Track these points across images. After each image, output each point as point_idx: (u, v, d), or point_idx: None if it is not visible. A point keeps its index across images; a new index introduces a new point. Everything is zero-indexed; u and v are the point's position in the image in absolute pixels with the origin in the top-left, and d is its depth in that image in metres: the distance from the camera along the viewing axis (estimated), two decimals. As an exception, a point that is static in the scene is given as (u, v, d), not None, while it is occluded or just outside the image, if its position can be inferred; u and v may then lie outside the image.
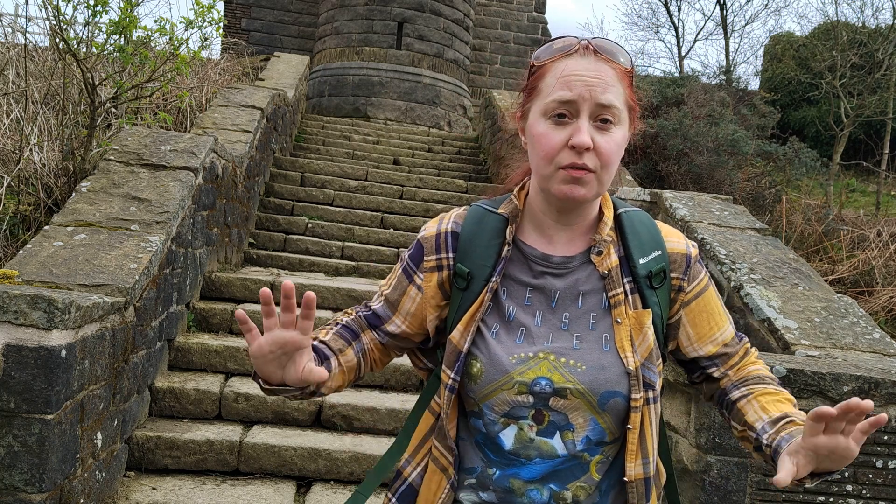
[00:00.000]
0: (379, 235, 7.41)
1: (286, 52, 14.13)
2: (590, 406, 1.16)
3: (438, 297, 1.27)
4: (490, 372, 1.17)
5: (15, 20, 8.93)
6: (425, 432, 1.29)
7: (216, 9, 5.52)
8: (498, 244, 1.24)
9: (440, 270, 1.27)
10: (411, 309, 1.29)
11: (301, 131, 10.52)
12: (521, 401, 1.16)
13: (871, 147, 14.77)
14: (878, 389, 2.62)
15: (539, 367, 1.16)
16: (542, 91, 1.19)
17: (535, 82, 1.21)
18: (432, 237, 1.28)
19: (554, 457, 1.17)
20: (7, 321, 2.54)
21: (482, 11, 16.66)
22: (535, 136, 1.17)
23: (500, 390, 1.17)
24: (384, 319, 1.32)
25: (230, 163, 5.56)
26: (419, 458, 1.28)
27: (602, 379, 1.15)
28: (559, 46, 1.19)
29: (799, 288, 3.99)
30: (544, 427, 1.17)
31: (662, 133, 9.41)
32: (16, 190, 4.59)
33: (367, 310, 1.36)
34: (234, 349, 4.38)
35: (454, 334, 1.21)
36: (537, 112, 1.18)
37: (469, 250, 1.24)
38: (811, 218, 9.03)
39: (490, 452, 1.21)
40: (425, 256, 1.28)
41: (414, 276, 1.29)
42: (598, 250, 1.23)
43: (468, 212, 1.30)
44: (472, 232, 1.26)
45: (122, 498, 3.29)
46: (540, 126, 1.17)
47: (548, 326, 1.19)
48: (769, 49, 18.21)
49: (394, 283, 1.32)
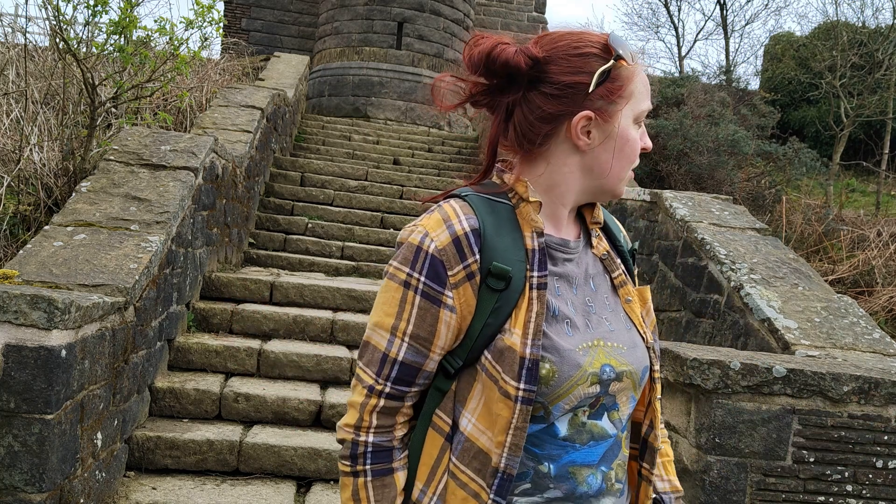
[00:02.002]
0: (379, 235, 7.41)
1: (286, 52, 14.14)
2: (634, 385, 1.18)
3: (474, 309, 1.12)
4: (563, 370, 1.10)
5: (15, 20, 8.93)
6: (436, 456, 1.15)
7: (216, 9, 5.53)
8: (518, 236, 1.15)
9: (471, 279, 1.11)
10: (448, 336, 1.12)
11: (301, 131, 10.52)
12: (591, 392, 1.12)
13: (871, 147, 14.77)
14: (877, 389, 2.62)
15: (599, 355, 1.14)
16: (633, 94, 1.16)
17: (627, 83, 1.15)
18: (449, 245, 1.10)
19: (606, 437, 1.16)
20: (7, 321, 2.54)
21: (482, 11, 16.67)
22: (629, 141, 1.17)
23: (575, 386, 1.11)
24: (421, 362, 1.13)
25: (230, 163, 5.56)
26: (434, 486, 1.14)
27: (639, 356, 1.19)
28: (636, 52, 1.19)
29: (799, 288, 3.99)
30: (595, 410, 1.15)
31: (662, 133, 9.41)
32: (16, 190, 4.59)
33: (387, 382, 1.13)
34: (234, 349, 4.38)
35: (514, 341, 1.08)
36: (629, 116, 1.17)
37: (497, 246, 1.12)
38: (811, 218, 9.03)
39: (535, 449, 1.12)
40: (449, 270, 1.10)
41: (442, 298, 1.10)
42: (596, 234, 1.26)
43: (474, 203, 1.15)
44: (493, 224, 1.14)
45: (122, 498, 3.29)
46: (632, 132, 1.17)
47: (581, 314, 1.16)
48: (769, 49, 18.21)
49: (414, 315, 1.11)
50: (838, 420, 2.61)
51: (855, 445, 2.62)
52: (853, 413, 2.62)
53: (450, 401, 1.15)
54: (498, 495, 1.09)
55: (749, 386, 2.59)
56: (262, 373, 4.41)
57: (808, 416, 2.60)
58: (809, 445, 2.61)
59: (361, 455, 1.13)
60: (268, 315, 4.83)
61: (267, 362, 4.41)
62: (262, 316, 4.82)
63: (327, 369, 4.45)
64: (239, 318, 4.82)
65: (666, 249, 5.05)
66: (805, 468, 2.60)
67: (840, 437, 2.61)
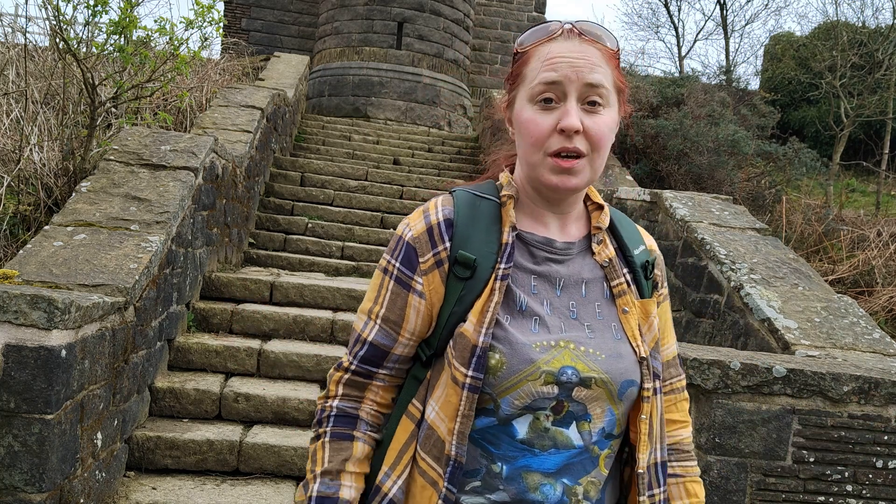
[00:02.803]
0: (379, 235, 7.41)
1: (286, 52, 14.14)
2: (609, 396, 1.12)
3: (443, 296, 1.16)
4: (513, 363, 1.09)
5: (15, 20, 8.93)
6: (404, 441, 1.17)
7: (216, 9, 5.53)
8: (497, 230, 1.16)
9: (440, 266, 1.15)
10: (417, 321, 1.16)
11: (301, 131, 10.52)
12: (545, 392, 1.09)
13: (871, 147, 14.77)
14: (877, 389, 2.62)
15: (563, 356, 1.10)
16: (526, 76, 1.15)
17: (520, 68, 1.17)
18: (423, 234, 1.16)
19: (569, 447, 1.12)
20: (7, 321, 2.54)
21: (482, 11, 16.66)
22: (523, 123, 1.13)
23: (524, 381, 1.09)
24: (390, 345, 1.18)
25: (230, 163, 5.56)
26: (399, 471, 1.16)
27: (621, 367, 1.13)
28: (542, 30, 1.16)
29: (799, 288, 3.99)
30: (561, 417, 1.11)
31: (662, 133, 9.41)
32: (16, 190, 4.59)
33: (354, 359, 1.19)
34: (234, 349, 4.38)
35: (467, 328, 1.10)
36: (523, 98, 1.14)
37: (469, 236, 1.15)
38: (811, 218, 9.03)
39: (491, 447, 1.12)
40: (420, 257, 1.15)
41: (412, 283, 1.16)
42: (599, 239, 1.21)
43: (457, 197, 1.19)
44: (469, 217, 1.17)
45: (122, 498, 3.29)
46: (526, 112, 1.13)
47: (557, 315, 1.14)
48: (769, 49, 18.21)
49: (387, 299, 1.17)
50: (838, 420, 2.61)
51: (855, 445, 2.62)
52: (853, 413, 2.62)
53: (424, 389, 1.18)
54: (450, 483, 1.10)
55: (749, 386, 2.59)
56: (262, 373, 4.41)
57: (808, 416, 2.60)
58: (809, 445, 2.61)
59: (325, 419, 1.19)
60: (268, 315, 4.83)
61: (267, 362, 4.41)
62: (262, 316, 4.82)
63: (327, 369, 4.44)
64: (239, 318, 4.82)
65: (666, 249, 5.05)
66: (805, 468, 2.60)
67: (840, 437, 2.61)
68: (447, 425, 1.12)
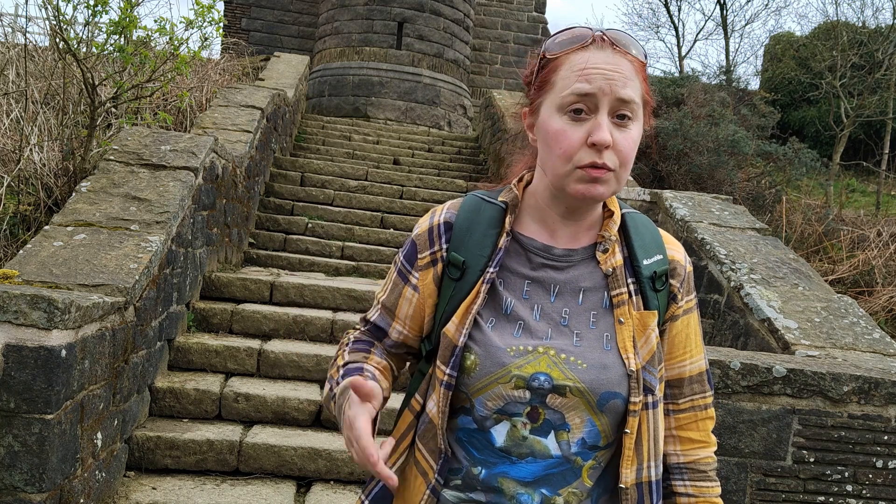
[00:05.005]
0: (379, 235, 7.41)
1: (286, 52, 14.13)
2: (588, 406, 1.11)
3: (435, 295, 1.21)
4: (485, 364, 1.11)
5: (15, 20, 8.93)
6: (402, 431, 1.23)
7: (216, 9, 5.53)
8: (495, 234, 1.19)
9: (434, 265, 1.21)
10: (409, 312, 1.24)
11: (301, 131, 10.52)
12: (517, 396, 1.11)
13: (871, 147, 14.78)
14: (878, 389, 2.62)
15: (538, 362, 1.10)
16: (556, 84, 1.12)
17: (548, 76, 1.14)
18: (425, 232, 1.23)
19: (547, 457, 1.12)
20: (7, 321, 2.54)
21: (482, 11, 16.66)
22: (552, 133, 1.11)
23: (495, 384, 1.11)
24: (385, 329, 1.27)
25: (230, 163, 5.56)
26: (395, 458, 1.22)
27: (603, 378, 1.11)
28: (573, 37, 1.13)
29: (799, 288, 3.99)
30: (539, 425, 1.11)
31: (662, 133, 9.41)
32: (16, 190, 4.59)
33: (366, 324, 1.31)
34: (234, 349, 4.38)
35: (448, 327, 1.15)
36: (551, 107, 1.12)
37: (464, 239, 1.19)
38: (811, 218, 9.03)
39: (474, 451, 1.15)
40: (419, 254, 1.22)
41: (409, 276, 1.23)
42: (604, 248, 1.19)
43: (464, 201, 1.24)
44: (468, 220, 1.20)
45: (122, 498, 3.29)
46: (555, 122, 1.10)
47: (546, 321, 1.14)
48: (769, 49, 18.21)
49: (389, 287, 1.27)
50: (838, 420, 2.61)
51: (855, 445, 2.62)
52: (853, 413, 2.62)
53: (425, 384, 1.22)
54: (440, 475, 1.16)
55: (749, 386, 2.59)
56: (262, 373, 4.41)
57: (808, 416, 2.60)
58: (809, 445, 2.61)
59: (346, 343, 1.31)
60: (268, 315, 4.83)
61: (267, 362, 4.41)
62: (262, 316, 4.82)
63: (327, 369, 4.43)
64: (239, 318, 4.82)
65: (666, 249, 5.04)
66: (805, 468, 2.60)
67: (840, 437, 2.61)
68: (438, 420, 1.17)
